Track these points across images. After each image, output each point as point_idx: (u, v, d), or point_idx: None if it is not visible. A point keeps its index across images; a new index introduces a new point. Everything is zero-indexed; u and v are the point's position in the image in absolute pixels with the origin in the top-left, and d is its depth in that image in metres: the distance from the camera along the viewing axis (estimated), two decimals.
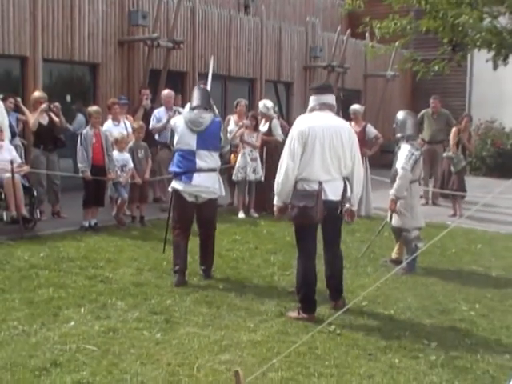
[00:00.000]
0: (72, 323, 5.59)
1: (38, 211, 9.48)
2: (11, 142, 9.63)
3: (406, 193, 7.70)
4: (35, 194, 9.40)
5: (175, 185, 7.11)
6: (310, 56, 19.19)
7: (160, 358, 4.89)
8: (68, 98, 13.26)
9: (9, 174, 8.75)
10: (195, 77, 15.19)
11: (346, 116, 12.70)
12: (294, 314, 6.01)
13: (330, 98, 6.16)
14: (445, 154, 12.12)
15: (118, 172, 9.70)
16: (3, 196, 8.96)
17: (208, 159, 7.03)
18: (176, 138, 7.06)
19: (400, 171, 7.60)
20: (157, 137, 11.43)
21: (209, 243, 7.31)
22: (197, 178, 6.97)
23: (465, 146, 12.11)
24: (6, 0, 11.54)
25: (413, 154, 7.66)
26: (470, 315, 6.29)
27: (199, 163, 6.98)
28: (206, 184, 7.01)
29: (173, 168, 7.20)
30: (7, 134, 9.51)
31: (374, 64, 20.38)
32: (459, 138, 12.03)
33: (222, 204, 11.77)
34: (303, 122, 6.02)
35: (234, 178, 11.36)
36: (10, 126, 9.87)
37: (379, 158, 18.33)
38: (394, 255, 8.21)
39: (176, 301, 6.34)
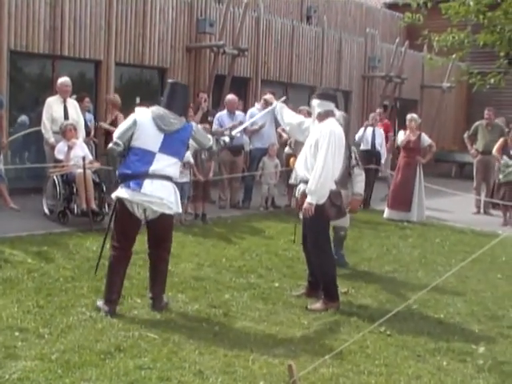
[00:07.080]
0: (135, 312, 5.76)
1: (106, 205, 9.65)
2: (84, 140, 10.24)
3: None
4: (104, 189, 9.68)
5: (120, 193, 5.69)
6: (368, 66, 19.44)
7: (217, 349, 5.00)
8: (137, 99, 13.88)
9: (81, 170, 9.13)
10: (258, 83, 15.74)
11: (402, 124, 13.07)
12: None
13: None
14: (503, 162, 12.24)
15: (180, 169, 9.96)
16: (75, 190, 9.38)
17: (167, 166, 5.69)
18: (136, 133, 5.70)
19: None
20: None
21: (160, 268, 6.00)
22: (148, 185, 5.61)
23: None
24: (84, 9, 12.26)
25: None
26: None
27: (154, 167, 5.63)
28: (160, 194, 5.62)
29: (121, 169, 5.79)
30: (82, 133, 10.14)
31: (430, 75, 20.51)
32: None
33: (280, 205, 12.18)
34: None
35: (292, 180, 11.61)
36: (86, 125, 10.57)
37: (433, 167, 18.58)
38: None
39: (234, 296, 6.44)
